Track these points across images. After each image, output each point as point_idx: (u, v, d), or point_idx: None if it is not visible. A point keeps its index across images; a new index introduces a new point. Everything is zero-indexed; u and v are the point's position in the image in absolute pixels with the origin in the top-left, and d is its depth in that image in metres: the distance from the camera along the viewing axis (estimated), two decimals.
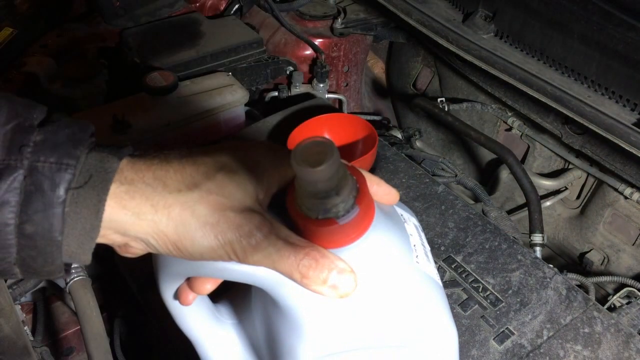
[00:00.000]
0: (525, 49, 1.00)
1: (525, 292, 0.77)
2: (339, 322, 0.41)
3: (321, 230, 0.38)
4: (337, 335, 0.41)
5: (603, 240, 1.14)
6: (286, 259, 0.36)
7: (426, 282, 0.43)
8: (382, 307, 0.41)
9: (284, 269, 0.37)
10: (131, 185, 0.36)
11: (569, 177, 1.18)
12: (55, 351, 1.08)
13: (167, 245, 0.37)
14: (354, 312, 0.41)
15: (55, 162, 0.35)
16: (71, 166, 0.35)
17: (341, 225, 0.38)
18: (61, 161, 0.35)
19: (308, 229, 0.38)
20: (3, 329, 0.68)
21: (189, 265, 0.41)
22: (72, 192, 0.35)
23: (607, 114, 0.86)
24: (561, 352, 0.70)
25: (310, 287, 0.37)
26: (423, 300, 0.43)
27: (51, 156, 0.35)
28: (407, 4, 1.14)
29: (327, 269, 0.36)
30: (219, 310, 0.54)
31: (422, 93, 1.46)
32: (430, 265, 0.45)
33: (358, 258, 0.40)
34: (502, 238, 0.85)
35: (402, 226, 0.45)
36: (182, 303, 0.47)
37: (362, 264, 0.40)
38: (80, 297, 0.80)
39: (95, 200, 0.35)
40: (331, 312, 0.40)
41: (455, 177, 1.08)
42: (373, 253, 0.40)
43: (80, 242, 0.36)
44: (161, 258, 0.44)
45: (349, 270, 0.37)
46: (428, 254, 0.46)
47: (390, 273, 0.41)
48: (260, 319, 0.48)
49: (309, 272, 0.36)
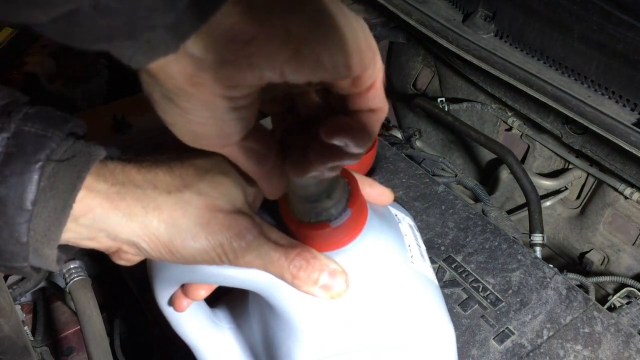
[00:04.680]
0: (525, 49, 1.00)
1: (525, 292, 0.77)
2: (336, 325, 0.41)
3: (314, 234, 0.38)
4: (334, 337, 0.41)
5: (603, 240, 1.14)
6: (277, 259, 0.36)
7: (422, 282, 0.43)
8: (378, 308, 0.41)
9: (275, 270, 0.37)
10: (122, 186, 0.36)
11: (569, 177, 1.18)
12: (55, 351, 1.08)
13: (159, 248, 0.36)
14: (350, 314, 0.41)
15: (41, 130, 0.34)
16: (57, 136, 0.34)
17: (333, 228, 0.38)
18: (47, 130, 0.34)
19: (301, 233, 0.38)
20: (3, 329, 0.68)
21: (183, 271, 0.41)
22: (53, 165, 0.34)
23: (607, 114, 0.86)
24: (561, 352, 0.70)
25: (302, 288, 0.37)
26: (419, 300, 0.43)
27: (39, 125, 0.34)
28: (407, 4, 1.14)
29: (318, 270, 0.36)
30: (216, 314, 0.54)
31: (422, 93, 1.46)
32: (425, 264, 0.45)
33: (352, 260, 0.40)
34: (502, 238, 0.85)
35: (396, 227, 0.45)
36: (176, 309, 0.47)
37: (356, 266, 0.40)
38: (80, 297, 0.80)
39: (74, 176, 0.34)
40: (327, 314, 0.40)
41: (455, 177, 1.08)
42: (367, 255, 0.40)
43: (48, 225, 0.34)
44: (155, 264, 0.44)
45: (341, 271, 0.37)
46: (423, 253, 0.46)
47: (385, 274, 0.41)
48: (258, 323, 0.48)
49: (299, 273, 0.36)
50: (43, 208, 0.33)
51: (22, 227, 0.33)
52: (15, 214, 0.33)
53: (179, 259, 0.37)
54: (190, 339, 0.52)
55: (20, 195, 0.33)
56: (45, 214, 0.33)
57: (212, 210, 0.36)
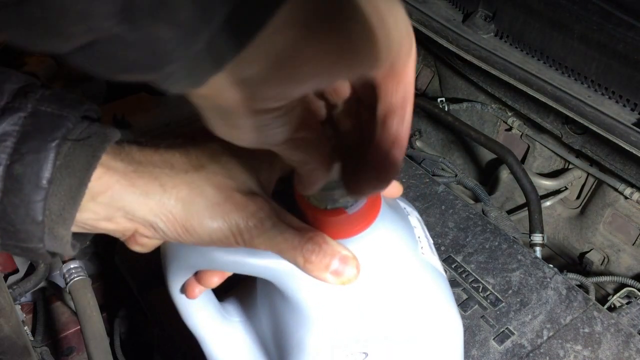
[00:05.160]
0: (525, 49, 1.00)
1: (525, 292, 0.77)
2: (347, 314, 0.41)
3: (330, 220, 0.38)
4: (346, 326, 0.41)
5: (603, 240, 1.14)
6: (290, 242, 0.36)
7: (432, 273, 0.44)
8: (389, 297, 0.41)
9: (287, 253, 0.37)
10: (140, 165, 0.36)
11: (569, 177, 1.18)
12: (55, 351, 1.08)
13: (176, 227, 0.37)
14: (361, 303, 0.41)
15: (58, 110, 0.34)
16: (73, 117, 0.34)
17: (349, 215, 0.38)
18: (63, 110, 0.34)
19: (317, 219, 0.38)
20: (3, 329, 0.68)
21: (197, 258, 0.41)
22: (69, 144, 0.34)
23: (607, 114, 0.86)
24: (561, 352, 0.70)
25: (313, 273, 0.37)
26: (429, 291, 0.43)
27: (55, 105, 0.34)
28: (407, 4, 1.14)
29: (330, 255, 0.36)
30: (225, 308, 0.54)
31: (422, 93, 1.46)
32: (434, 257, 0.46)
33: (365, 248, 0.40)
34: (502, 238, 0.85)
35: (406, 218, 0.45)
36: (189, 296, 0.47)
37: (369, 255, 0.40)
38: (80, 297, 0.80)
39: (90, 155, 0.34)
40: (339, 303, 0.41)
41: (455, 177, 1.08)
42: (380, 244, 0.41)
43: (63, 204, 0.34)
44: (170, 251, 0.44)
45: (352, 257, 0.37)
46: (432, 246, 0.47)
47: (396, 264, 0.42)
48: (267, 315, 0.48)
49: (311, 257, 0.36)
50: (59, 187, 0.33)
51: (38, 205, 0.33)
52: (32, 191, 0.33)
53: (195, 239, 0.37)
54: (199, 331, 0.52)
55: (37, 173, 0.33)
56: (61, 192, 0.33)
57: (229, 190, 0.37)
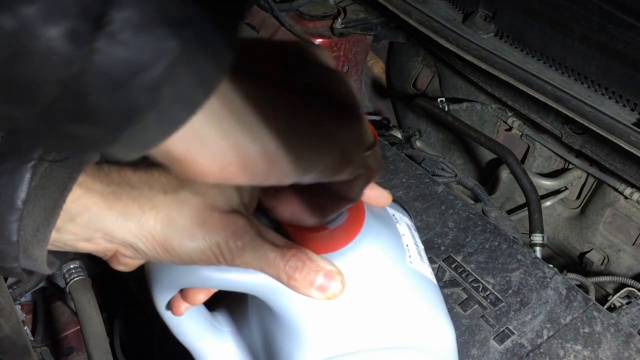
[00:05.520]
0: (525, 49, 1.00)
1: (525, 292, 0.77)
2: (335, 327, 0.41)
3: (311, 236, 0.38)
4: (334, 340, 0.41)
5: (603, 240, 1.14)
6: (273, 260, 0.36)
7: (420, 282, 0.44)
8: (377, 310, 0.41)
9: (271, 271, 0.37)
10: (118, 187, 0.36)
11: (569, 177, 1.18)
12: (55, 351, 1.08)
13: (155, 248, 0.36)
14: (349, 316, 0.41)
15: None
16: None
17: (331, 231, 0.38)
18: None
19: (299, 235, 0.38)
20: (3, 329, 0.68)
21: (182, 275, 0.41)
22: (46, 165, 0.33)
23: (607, 114, 0.86)
24: (561, 352, 0.70)
25: (298, 290, 0.37)
26: (418, 301, 0.43)
27: None
28: (407, 4, 1.14)
29: (315, 271, 0.36)
30: (215, 318, 0.54)
31: (422, 93, 1.46)
32: (424, 264, 0.45)
33: (350, 262, 0.40)
34: (502, 238, 0.85)
35: (394, 228, 0.45)
36: (175, 313, 0.46)
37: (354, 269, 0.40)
38: (80, 297, 0.80)
39: (66, 176, 0.34)
40: (327, 317, 0.41)
41: (455, 177, 1.08)
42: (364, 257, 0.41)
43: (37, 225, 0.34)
44: (153, 269, 0.44)
45: (336, 272, 0.37)
46: (422, 253, 0.46)
47: (383, 276, 0.42)
48: (257, 326, 0.48)
49: (295, 274, 0.36)
50: (33, 207, 0.33)
51: (12, 225, 0.33)
52: (6, 212, 0.33)
53: (175, 259, 0.37)
54: (190, 343, 0.52)
55: (12, 193, 0.33)
56: (36, 213, 0.33)
57: (209, 209, 0.36)
